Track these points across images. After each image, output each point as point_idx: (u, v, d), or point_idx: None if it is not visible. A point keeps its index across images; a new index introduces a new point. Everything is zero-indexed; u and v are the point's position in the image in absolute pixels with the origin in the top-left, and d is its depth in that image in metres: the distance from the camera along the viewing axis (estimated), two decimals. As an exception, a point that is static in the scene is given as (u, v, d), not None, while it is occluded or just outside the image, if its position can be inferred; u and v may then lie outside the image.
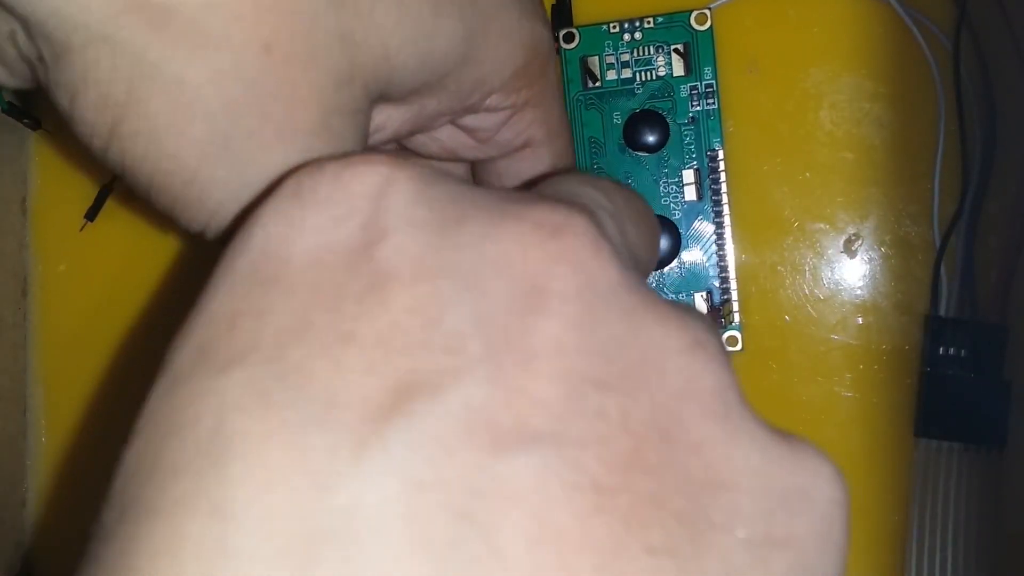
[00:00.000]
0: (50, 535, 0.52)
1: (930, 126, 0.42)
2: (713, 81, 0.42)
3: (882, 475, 0.43)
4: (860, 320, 0.43)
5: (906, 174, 0.42)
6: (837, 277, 0.43)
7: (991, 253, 0.41)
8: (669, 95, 0.42)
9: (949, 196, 0.41)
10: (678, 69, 0.42)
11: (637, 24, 0.42)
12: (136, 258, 0.51)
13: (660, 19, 0.42)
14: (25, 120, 0.51)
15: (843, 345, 0.43)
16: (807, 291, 0.43)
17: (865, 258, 0.43)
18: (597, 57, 0.43)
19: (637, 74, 0.42)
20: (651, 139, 0.42)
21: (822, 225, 0.43)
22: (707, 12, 0.42)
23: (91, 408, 0.52)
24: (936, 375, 0.41)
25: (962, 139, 0.41)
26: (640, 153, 0.42)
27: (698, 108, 0.42)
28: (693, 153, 0.42)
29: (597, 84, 0.43)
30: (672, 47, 0.42)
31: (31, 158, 0.52)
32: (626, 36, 0.42)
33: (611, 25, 0.43)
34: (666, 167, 0.42)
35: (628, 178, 0.43)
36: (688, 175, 0.42)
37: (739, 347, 0.43)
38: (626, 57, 0.42)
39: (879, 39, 0.42)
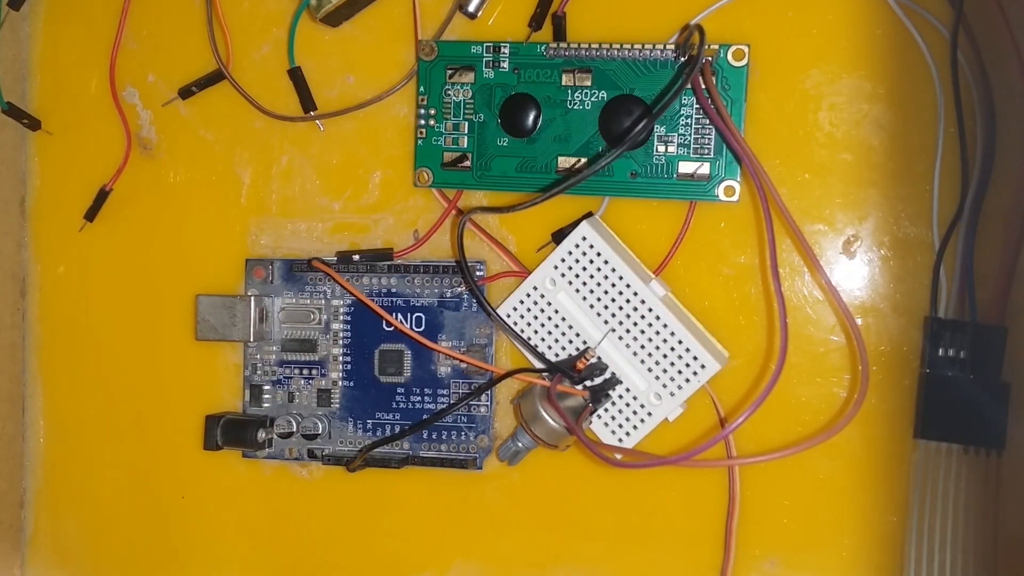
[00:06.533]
0: (48, 534, 0.52)
1: (929, 127, 0.42)
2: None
3: (881, 476, 0.43)
4: (859, 321, 0.43)
5: (905, 175, 0.42)
6: (836, 278, 0.43)
7: (991, 254, 0.41)
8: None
9: (948, 197, 0.41)
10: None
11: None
12: (135, 258, 0.51)
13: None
14: (25, 120, 0.51)
15: (842, 346, 0.43)
16: (806, 292, 0.43)
17: (864, 259, 0.43)
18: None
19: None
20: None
21: (821, 226, 0.43)
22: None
23: (90, 408, 0.52)
24: (935, 376, 0.41)
25: (961, 141, 0.41)
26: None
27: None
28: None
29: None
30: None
31: (31, 158, 0.52)
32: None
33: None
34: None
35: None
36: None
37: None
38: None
39: (878, 41, 0.42)
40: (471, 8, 0.45)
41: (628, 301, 0.42)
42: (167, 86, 0.50)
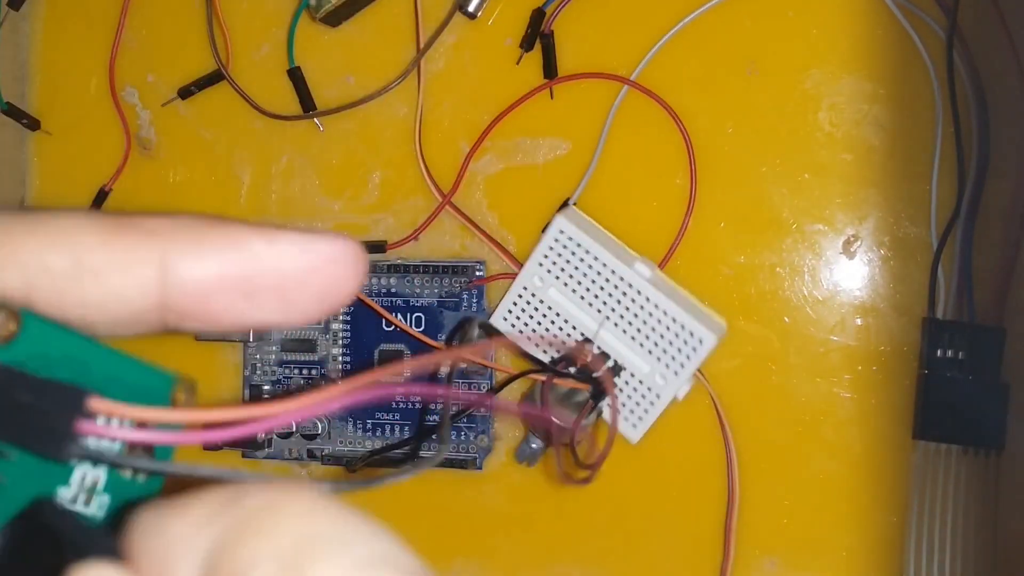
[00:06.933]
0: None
1: (928, 127, 0.42)
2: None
3: (881, 476, 0.43)
4: (859, 321, 0.43)
5: (905, 175, 0.42)
6: (836, 278, 0.43)
7: (989, 255, 0.41)
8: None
9: (946, 198, 0.41)
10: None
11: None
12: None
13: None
14: (24, 120, 0.51)
15: (842, 346, 0.43)
16: (806, 292, 0.43)
17: (864, 259, 0.43)
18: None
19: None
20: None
21: (821, 226, 0.43)
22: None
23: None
24: (934, 377, 0.41)
25: (957, 141, 0.41)
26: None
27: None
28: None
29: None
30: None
31: (31, 158, 0.52)
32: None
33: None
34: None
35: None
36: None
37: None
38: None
39: (878, 41, 0.42)
40: (471, 8, 0.45)
41: (616, 287, 0.42)
42: (167, 86, 0.50)
